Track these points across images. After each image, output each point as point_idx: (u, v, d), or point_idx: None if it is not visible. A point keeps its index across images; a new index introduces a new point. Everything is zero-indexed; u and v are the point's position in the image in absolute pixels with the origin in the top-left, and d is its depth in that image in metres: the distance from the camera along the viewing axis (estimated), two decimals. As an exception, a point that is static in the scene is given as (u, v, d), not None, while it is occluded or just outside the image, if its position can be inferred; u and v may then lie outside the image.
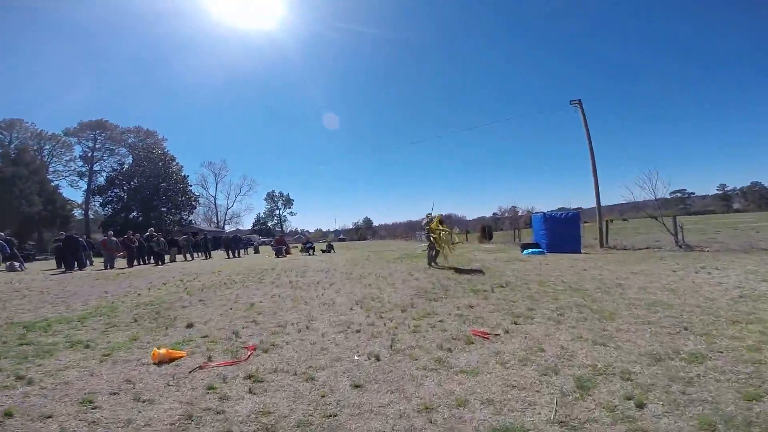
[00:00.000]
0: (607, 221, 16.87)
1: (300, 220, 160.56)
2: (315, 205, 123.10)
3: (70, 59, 72.28)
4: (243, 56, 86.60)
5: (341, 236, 67.20)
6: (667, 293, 6.09)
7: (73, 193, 54.16)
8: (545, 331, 4.41)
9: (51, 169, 50.57)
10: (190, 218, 50.58)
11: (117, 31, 73.96)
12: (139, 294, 8.11)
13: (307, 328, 4.85)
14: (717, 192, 68.01)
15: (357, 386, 3.05)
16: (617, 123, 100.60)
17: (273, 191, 79.37)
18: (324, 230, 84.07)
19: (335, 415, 2.61)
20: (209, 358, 3.78)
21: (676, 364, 3.25)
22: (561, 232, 14.67)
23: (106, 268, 15.70)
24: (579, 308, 5.37)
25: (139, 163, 47.06)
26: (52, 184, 46.10)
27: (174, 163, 50.32)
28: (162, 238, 18.61)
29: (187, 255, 21.15)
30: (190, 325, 5.10)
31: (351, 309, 5.90)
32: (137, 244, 17.68)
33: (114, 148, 53.38)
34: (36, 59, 67.50)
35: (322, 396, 2.90)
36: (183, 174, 50.50)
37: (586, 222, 17.13)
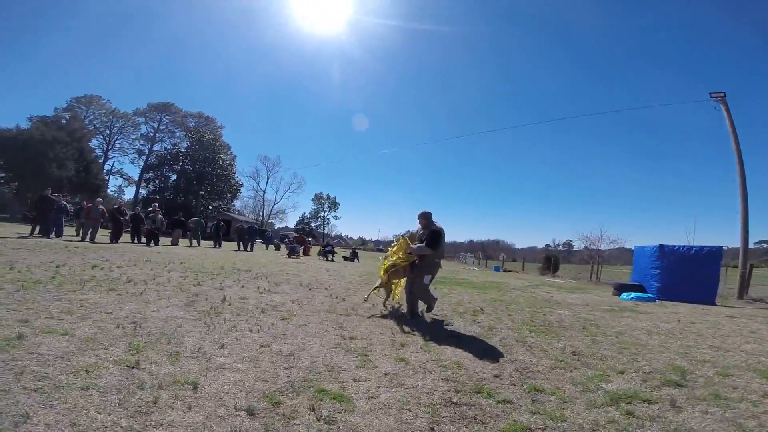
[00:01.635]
0: (751, 265, 11.35)
1: (343, 225, 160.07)
2: (359, 212, 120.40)
3: (150, 44, 76.48)
4: (308, 58, 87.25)
5: (380, 247, 62.62)
6: None
7: (133, 169, 56.26)
8: None
9: (117, 146, 53.18)
10: (230, 205, 49.76)
11: (196, 27, 77.58)
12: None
13: None
14: None
15: None
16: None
17: (321, 193, 77.68)
18: (366, 239, 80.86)
19: None
20: None
21: None
22: (687, 274, 9.55)
23: (83, 239, 12.94)
24: None
25: (191, 146, 47.34)
26: (111, 159, 47.54)
27: (227, 151, 50.41)
28: (160, 216, 15.71)
29: (194, 241, 18.22)
30: None
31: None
32: (128, 217, 14.93)
33: (175, 130, 54.98)
34: (118, 41, 72.04)
35: None
36: (231, 162, 50.17)
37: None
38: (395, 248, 5.46)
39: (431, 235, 4.97)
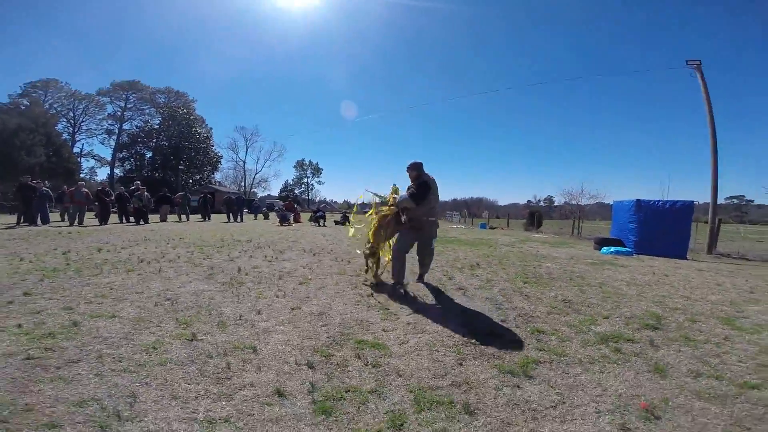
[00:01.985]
0: (719, 220, 12.19)
1: (328, 190, 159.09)
2: (344, 176, 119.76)
3: (110, 22, 70.68)
4: (281, 27, 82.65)
5: (365, 210, 62.96)
6: None
7: (104, 150, 54.58)
8: None
9: (84, 128, 50.98)
10: (211, 178, 49.42)
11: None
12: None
13: None
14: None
15: None
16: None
17: (303, 159, 76.85)
18: (351, 202, 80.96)
19: None
20: None
21: None
22: (661, 228, 10.23)
23: (71, 224, 12.82)
24: None
25: (164, 122, 46.18)
26: (79, 141, 45.74)
27: (202, 125, 49.58)
28: (146, 193, 15.52)
29: (183, 215, 18.13)
30: None
31: (277, 394, 2.11)
32: (113, 197, 14.71)
33: (144, 107, 53.37)
34: (74, 21, 66.40)
35: None
36: (208, 135, 49.44)
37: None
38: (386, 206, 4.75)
39: (418, 186, 4.32)
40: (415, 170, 4.50)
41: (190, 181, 44.15)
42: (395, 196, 4.62)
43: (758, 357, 2.80)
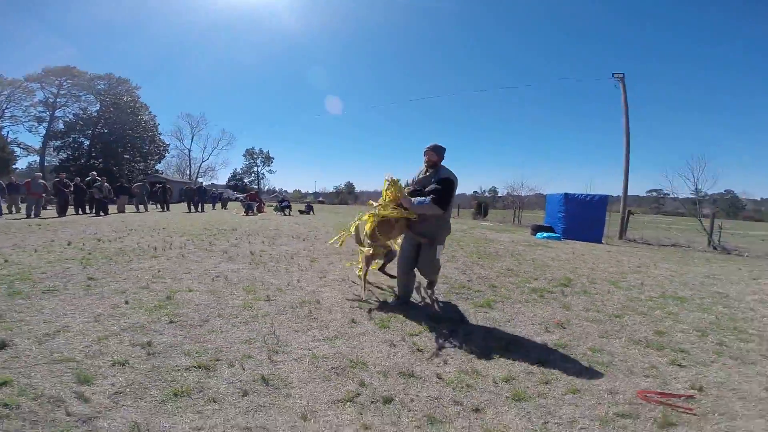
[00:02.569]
0: (629, 211, 14.86)
1: (279, 179, 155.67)
2: (295, 165, 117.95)
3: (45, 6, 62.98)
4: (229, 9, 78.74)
5: (320, 199, 63.23)
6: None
7: (31, 138, 49.56)
8: (752, 380, 2.18)
9: (8, 114, 45.93)
10: (156, 167, 47.23)
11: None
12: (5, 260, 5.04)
13: (264, 381, 2.24)
14: (690, 195, 66.59)
15: None
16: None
17: (252, 148, 75.04)
18: (303, 191, 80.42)
19: None
20: None
21: None
22: (583, 217, 12.51)
23: (28, 216, 12.54)
24: (733, 333, 3.33)
25: (105, 109, 43.44)
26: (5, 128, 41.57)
27: (146, 112, 47.22)
28: (106, 184, 15.33)
29: (141, 206, 17.95)
30: (1, 345, 2.44)
31: (352, 322, 3.36)
32: (72, 188, 14.43)
33: (81, 94, 49.19)
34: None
35: None
36: (154, 123, 47.20)
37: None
38: (382, 199, 3.82)
39: (443, 185, 3.44)
40: (437, 155, 3.62)
41: (135, 170, 42.06)
42: (400, 194, 3.65)
43: (625, 303, 4.50)
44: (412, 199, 3.56)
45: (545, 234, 12.36)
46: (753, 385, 2.44)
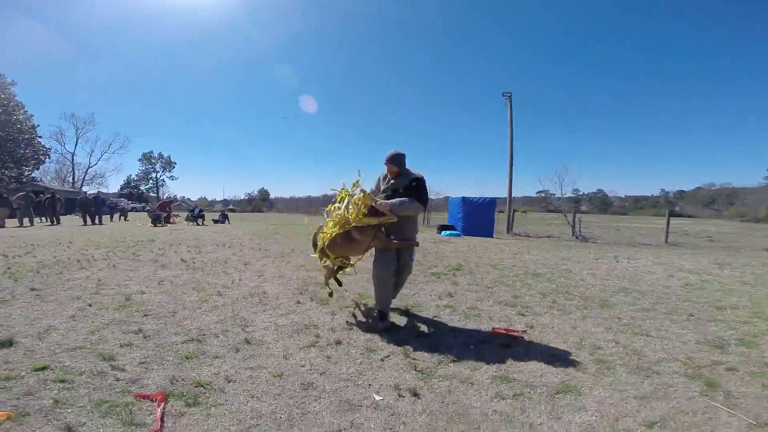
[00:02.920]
0: (514, 210, 17.72)
1: (182, 186, 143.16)
2: (201, 171, 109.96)
3: None
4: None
5: (231, 207, 59.67)
6: (619, 279, 6.04)
7: None
8: (566, 322, 3.62)
9: None
10: (33, 175, 40.50)
11: None
12: None
13: (247, 342, 3.11)
14: (571, 195, 79.60)
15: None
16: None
17: (151, 152, 67.99)
18: (210, 199, 75.34)
19: None
20: (68, 429, 1.88)
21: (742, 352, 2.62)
22: (478, 216, 14.75)
23: None
24: (564, 295, 4.96)
25: None
26: None
27: (21, 111, 40.23)
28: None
29: (25, 219, 15.85)
30: (9, 343, 2.86)
31: (298, 303, 4.26)
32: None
33: None
34: None
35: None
36: (32, 124, 40.43)
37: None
38: (342, 209, 3.56)
39: (418, 183, 3.48)
40: (398, 164, 3.56)
41: (8, 177, 35.57)
42: (391, 201, 3.39)
43: (497, 279, 6.05)
44: (389, 201, 3.39)
45: (448, 232, 14.34)
46: (565, 326, 3.92)
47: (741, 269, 7.28)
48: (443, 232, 14.48)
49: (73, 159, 54.58)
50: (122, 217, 22.93)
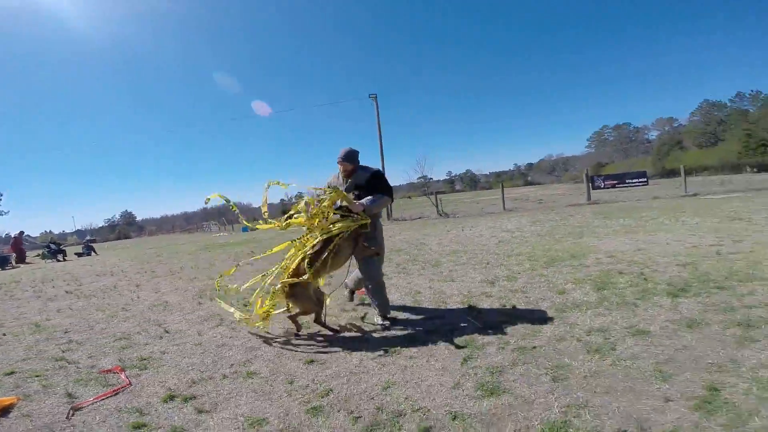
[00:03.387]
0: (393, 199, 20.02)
1: (14, 222, 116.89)
2: (41, 201, 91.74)
3: None
4: None
5: (88, 237, 49.51)
6: (455, 244, 8.11)
7: None
8: (404, 279, 5.30)
9: None
10: None
11: None
12: None
13: (167, 332, 3.99)
14: (446, 177, 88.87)
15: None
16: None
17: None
18: (57, 232, 63.41)
19: None
20: (69, 396, 2.68)
21: (503, 285, 4.56)
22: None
23: None
24: (412, 262, 6.57)
25: None
26: None
27: None
28: None
29: None
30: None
31: (199, 304, 5.14)
32: None
33: None
34: None
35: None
36: None
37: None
38: (313, 211, 3.33)
39: (379, 175, 3.55)
40: (352, 161, 3.50)
41: None
42: (361, 202, 3.35)
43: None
44: (361, 201, 3.34)
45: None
46: (403, 282, 5.50)
47: (545, 224, 10.08)
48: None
49: None
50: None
